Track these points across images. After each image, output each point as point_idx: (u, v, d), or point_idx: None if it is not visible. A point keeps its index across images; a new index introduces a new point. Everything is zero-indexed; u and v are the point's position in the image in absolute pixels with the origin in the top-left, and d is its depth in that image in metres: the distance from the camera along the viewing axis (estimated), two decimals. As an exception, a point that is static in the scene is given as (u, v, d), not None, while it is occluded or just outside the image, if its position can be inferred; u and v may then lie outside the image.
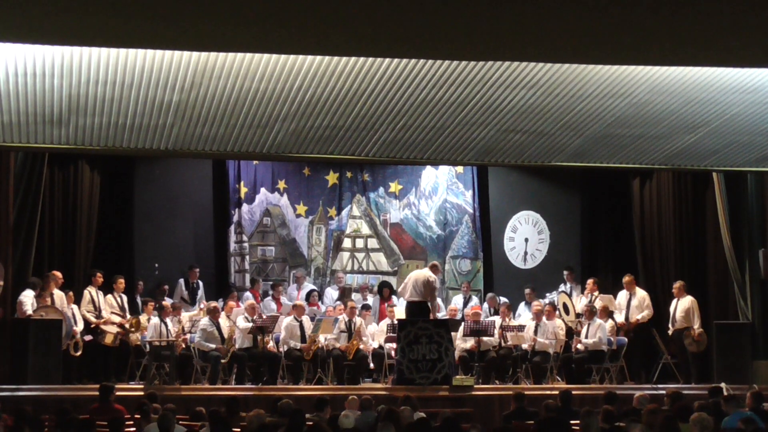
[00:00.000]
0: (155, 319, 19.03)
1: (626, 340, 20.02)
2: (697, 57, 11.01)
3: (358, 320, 19.72)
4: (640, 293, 20.80)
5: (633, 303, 20.64)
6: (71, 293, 19.18)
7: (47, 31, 9.56)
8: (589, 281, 21.06)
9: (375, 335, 20.09)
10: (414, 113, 12.61)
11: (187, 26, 9.64)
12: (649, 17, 9.79)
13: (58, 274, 19.13)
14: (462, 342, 19.80)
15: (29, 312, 18.27)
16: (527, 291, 21.56)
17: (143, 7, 9.20)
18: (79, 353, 18.81)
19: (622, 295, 20.79)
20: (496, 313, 21.00)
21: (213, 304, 19.56)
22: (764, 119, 13.09)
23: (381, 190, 23.49)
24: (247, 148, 14.08)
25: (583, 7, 9.55)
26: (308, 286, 22.02)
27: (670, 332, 20.43)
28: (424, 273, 19.91)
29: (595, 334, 19.60)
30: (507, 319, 20.27)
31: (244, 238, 22.71)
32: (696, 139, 13.91)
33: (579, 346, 19.72)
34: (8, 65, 10.93)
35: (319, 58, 10.96)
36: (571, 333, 20.17)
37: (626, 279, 20.92)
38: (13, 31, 9.57)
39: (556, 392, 16.68)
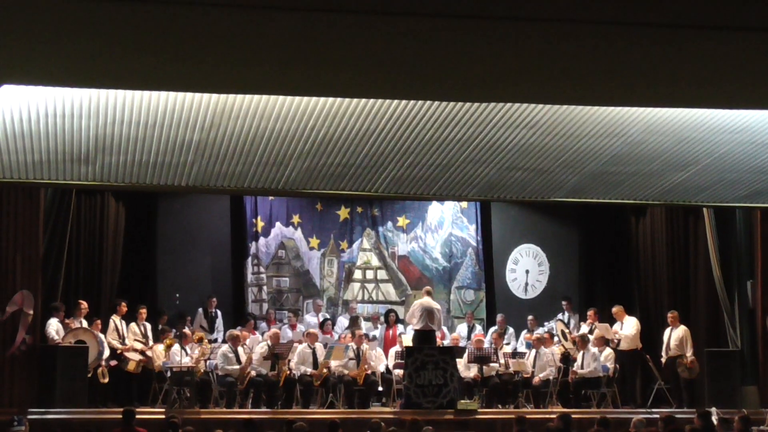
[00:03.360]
0: (176, 347, 19.04)
1: (614, 366, 19.95)
2: (688, 99, 11.00)
3: (365, 347, 19.73)
4: (629, 320, 20.82)
5: (625, 330, 20.67)
6: (98, 321, 19.21)
7: (75, 74, 9.58)
8: (590, 312, 21.11)
9: (379, 358, 20.10)
10: (421, 152, 12.62)
11: (207, 70, 9.66)
12: (643, 61, 9.80)
13: (84, 303, 19.19)
14: (465, 370, 19.78)
15: (55, 338, 18.32)
16: (530, 318, 21.57)
17: (165, 51, 9.22)
18: (106, 380, 18.82)
19: (617, 326, 20.79)
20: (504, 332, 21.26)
21: (234, 332, 19.59)
22: (751, 158, 13.08)
23: (390, 224, 23.50)
24: (263, 185, 14.09)
25: (580, 51, 9.56)
26: (321, 315, 22.04)
27: (663, 359, 20.41)
28: (433, 304, 19.99)
29: (590, 363, 19.62)
30: (498, 345, 20.30)
31: (261, 269, 22.73)
32: (687, 176, 13.90)
33: (577, 371, 19.71)
34: (38, 107, 10.96)
35: (330, 99, 10.98)
36: (568, 358, 20.15)
37: (615, 310, 20.93)
38: (42, 74, 9.60)
39: (555, 416, 16.64)
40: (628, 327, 20.64)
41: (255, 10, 8.95)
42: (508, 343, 20.98)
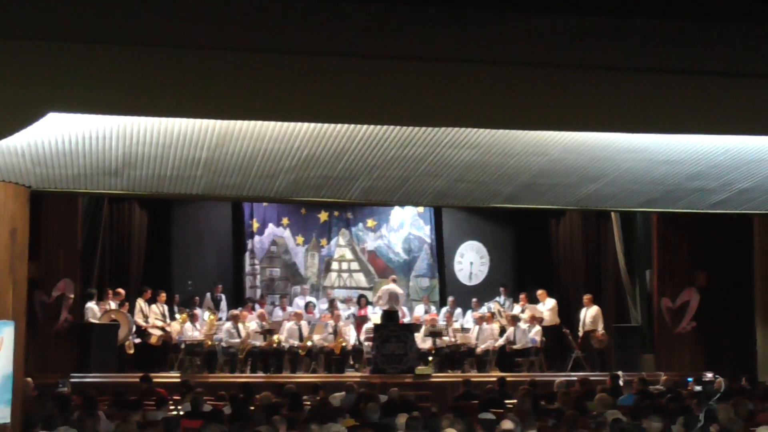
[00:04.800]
0: (188, 324, 19.09)
1: (541, 339, 20.07)
2: (598, 125, 11.11)
3: (341, 324, 19.79)
4: (549, 301, 21.00)
5: (545, 308, 20.87)
6: (127, 304, 19.30)
7: (107, 104, 9.61)
8: (522, 295, 21.29)
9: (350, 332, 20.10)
10: (385, 167, 12.64)
11: (213, 101, 9.70)
12: (562, 95, 9.91)
13: (122, 291, 19.26)
14: (422, 342, 19.85)
15: (91, 320, 18.43)
16: (474, 300, 21.70)
17: (179, 86, 9.26)
18: (132, 351, 18.90)
19: (540, 306, 20.96)
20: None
21: (235, 312, 19.68)
22: (648, 172, 13.17)
23: (360, 225, 23.52)
24: (258, 193, 14.06)
25: (512, 87, 9.67)
26: (307, 298, 22.07)
27: (580, 333, 20.59)
28: (397, 289, 20.22)
29: (521, 338, 19.77)
30: (448, 323, 20.39)
31: (256, 262, 22.73)
32: (598, 187, 13.96)
33: (514, 346, 19.84)
34: (77, 131, 10.96)
35: (313, 124, 11.00)
36: (503, 332, 20.27)
37: (539, 292, 21.13)
38: (81, 104, 9.62)
39: (494, 379, 16.76)
40: (547, 306, 20.87)
41: (253, 54, 9.00)
42: (456, 321, 21.07)
